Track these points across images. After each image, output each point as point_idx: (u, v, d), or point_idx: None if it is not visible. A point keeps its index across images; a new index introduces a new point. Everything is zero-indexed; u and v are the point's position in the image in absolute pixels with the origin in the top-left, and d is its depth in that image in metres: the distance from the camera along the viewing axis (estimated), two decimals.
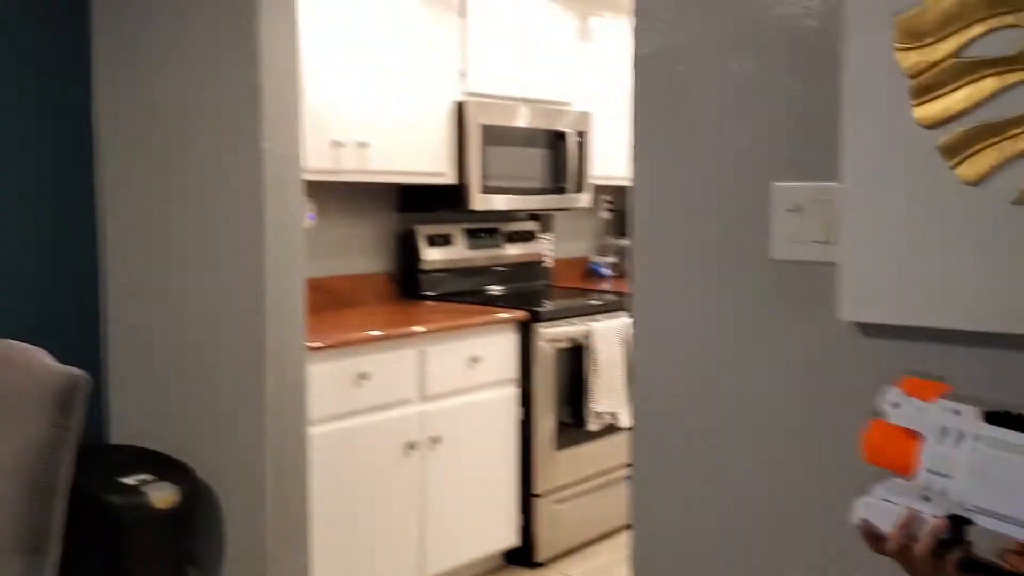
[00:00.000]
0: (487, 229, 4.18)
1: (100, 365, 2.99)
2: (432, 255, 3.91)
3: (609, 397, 3.74)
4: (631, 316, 1.73)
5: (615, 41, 4.37)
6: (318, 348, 2.79)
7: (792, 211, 1.50)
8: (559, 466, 3.67)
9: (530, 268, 4.39)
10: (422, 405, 3.17)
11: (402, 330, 3.04)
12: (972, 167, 1.27)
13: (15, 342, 1.75)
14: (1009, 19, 1.23)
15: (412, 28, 3.46)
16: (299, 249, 2.61)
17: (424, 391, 3.17)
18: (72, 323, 2.93)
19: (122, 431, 2.98)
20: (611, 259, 4.83)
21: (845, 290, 1.40)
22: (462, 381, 3.30)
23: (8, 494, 1.54)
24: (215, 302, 2.65)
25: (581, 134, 4.13)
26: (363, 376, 2.94)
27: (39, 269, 2.84)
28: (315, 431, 2.79)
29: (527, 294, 4.11)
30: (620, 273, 4.87)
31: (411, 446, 3.11)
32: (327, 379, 2.85)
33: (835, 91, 1.41)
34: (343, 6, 3.21)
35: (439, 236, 3.95)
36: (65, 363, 2.80)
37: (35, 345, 2.81)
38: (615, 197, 5.01)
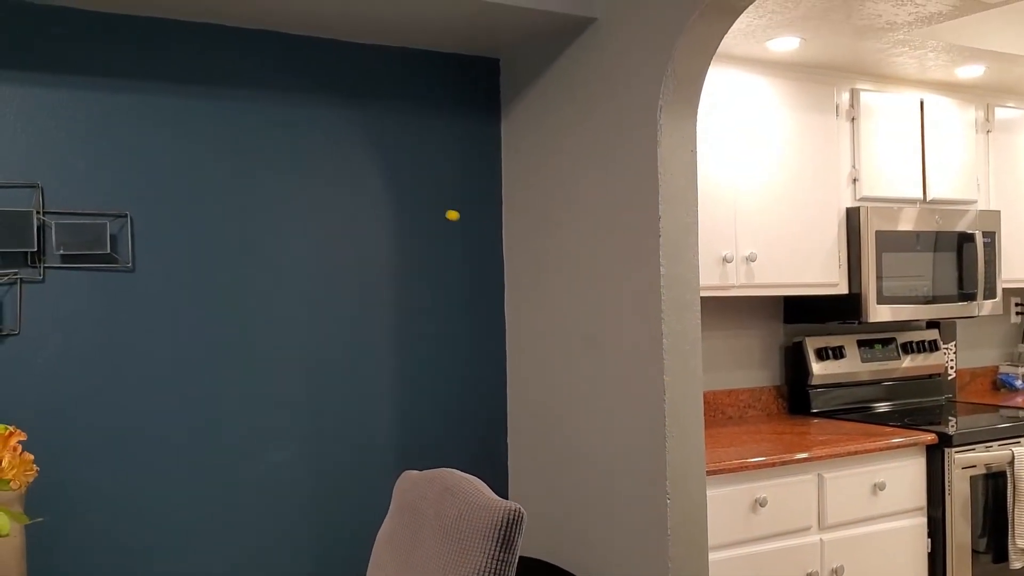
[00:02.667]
0: (882, 340, 3.91)
1: (506, 484, 3.18)
2: (821, 369, 3.71)
3: None
4: None
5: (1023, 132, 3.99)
6: (715, 471, 2.73)
7: None
8: None
9: (930, 382, 4.02)
10: (822, 534, 2.98)
11: (801, 455, 2.89)
12: None
13: (455, 471, 1.89)
14: None
15: (801, 139, 3.38)
16: (697, 371, 2.59)
17: (824, 519, 2.97)
18: (485, 445, 3.15)
19: (523, 543, 3.11)
20: None
21: None
22: (865, 510, 3.06)
23: None
24: (614, 424, 2.70)
25: (989, 235, 3.77)
26: (760, 502, 2.82)
27: (468, 408, 3.12)
28: (713, 557, 2.73)
29: (927, 410, 3.76)
30: None
31: None
32: (724, 504, 2.78)
33: None
34: (730, 124, 3.22)
35: (829, 349, 3.76)
36: (479, 476, 2.99)
37: (453, 465, 3.06)
38: None
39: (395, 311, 3.00)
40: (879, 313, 3.49)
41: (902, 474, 3.15)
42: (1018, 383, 4.28)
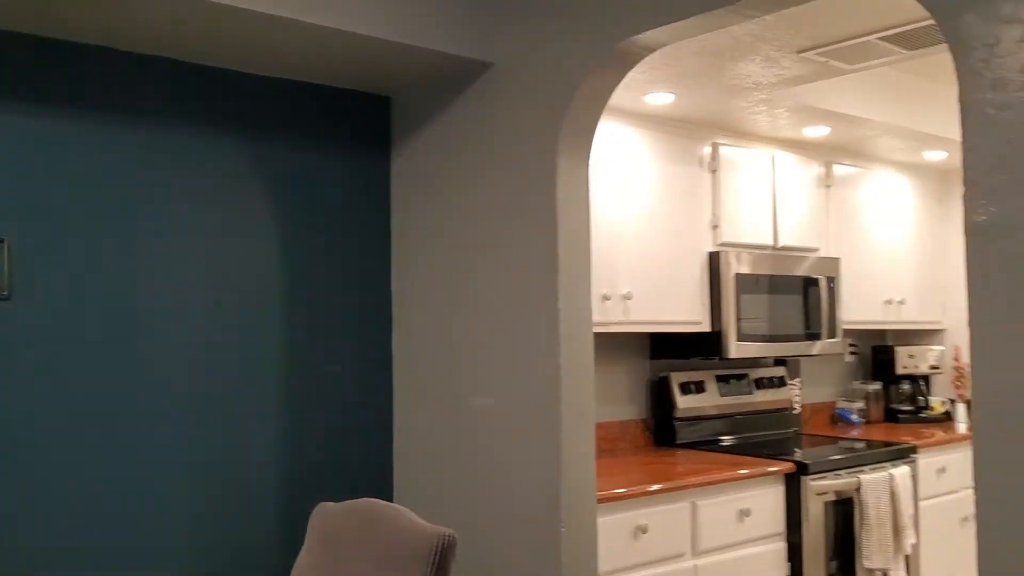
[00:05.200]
0: (737, 375, 4.18)
1: None
2: (685, 402, 3.93)
3: (881, 553, 3.58)
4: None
5: (857, 188, 4.39)
6: (601, 500, 2.84)
7: None
8: None
9: (778, 415, 4.32)
10: (696, 559, 3.15)
11: (679, 482, 3.06)
12: None
13: (377, 500, 1.91)
14: None
15: (670, 188, 3.61)
16: (590, 402, 2.70)
17: (697, 545, 3.15)
18: (370, 476, 3.15)
19: None
20: (859, 404, 4.69)
21: None
22: (733, 535, 3.26)
23: None
24: (509, 454, 2.77)
25: (831, 279, 4.12)
26: (642, 529, 2.96)
27: (353, 440, 3.10)
28: None
29: (778, 442, 4.04)
30: (869, 419, 4.72)
31: None
32: (609, 531, 2.89)
33: None
34: (608, 172, 3.40)
35: (692, 383, 3.99)
36: None
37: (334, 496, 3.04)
38: (858, 341, 4.91)
39: (283, 340, 2.98)
40: (739, 350, 3.74)
41: (764, 501, 3.38)
42: (853, 417, 4.66)
